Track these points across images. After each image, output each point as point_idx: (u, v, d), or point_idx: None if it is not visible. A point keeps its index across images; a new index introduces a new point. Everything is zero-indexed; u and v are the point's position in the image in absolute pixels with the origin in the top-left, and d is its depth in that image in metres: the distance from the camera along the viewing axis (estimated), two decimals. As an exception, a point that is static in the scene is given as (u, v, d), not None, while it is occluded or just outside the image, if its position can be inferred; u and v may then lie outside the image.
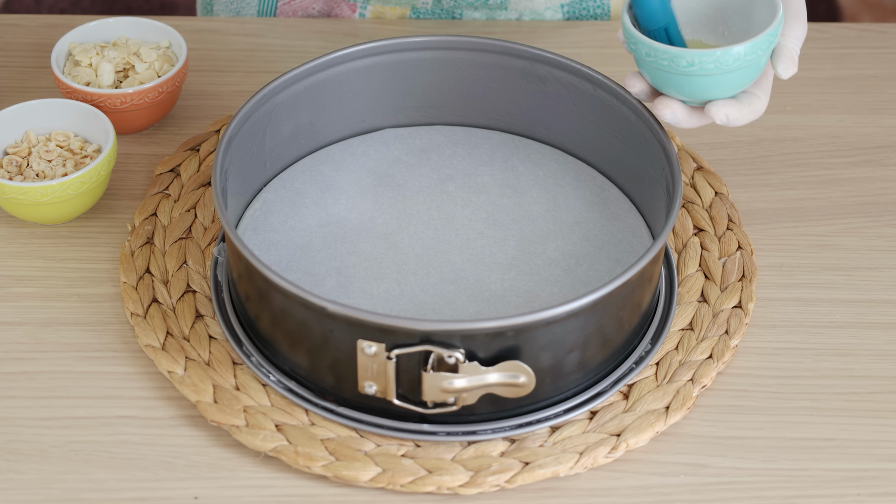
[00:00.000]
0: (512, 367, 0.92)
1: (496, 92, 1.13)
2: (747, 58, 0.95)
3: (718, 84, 0.97)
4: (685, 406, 0.98)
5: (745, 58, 0.95)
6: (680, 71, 0.96)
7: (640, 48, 0.97)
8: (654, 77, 0.98)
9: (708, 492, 0.95)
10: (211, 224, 1.10)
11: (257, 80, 1.24)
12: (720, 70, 0.96)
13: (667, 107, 0.99)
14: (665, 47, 0.96)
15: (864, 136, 1.21)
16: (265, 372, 0.99)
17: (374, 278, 1.03)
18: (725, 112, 0.97)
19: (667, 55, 0.96)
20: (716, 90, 0.97)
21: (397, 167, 1.12)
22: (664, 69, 0.97)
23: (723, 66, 0.95)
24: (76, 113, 1.12)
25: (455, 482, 0.94)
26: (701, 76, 0.96)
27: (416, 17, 1.32)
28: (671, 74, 0.97)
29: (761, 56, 0.96)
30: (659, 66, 0.97)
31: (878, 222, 1.13)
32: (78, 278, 1.07)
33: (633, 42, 0.98)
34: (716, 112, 0.97)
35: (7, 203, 1.08)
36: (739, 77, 0.97)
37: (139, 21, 1.20)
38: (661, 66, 0.97)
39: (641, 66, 0.99)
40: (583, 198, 1.10)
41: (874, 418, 0.99)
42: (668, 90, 0.99)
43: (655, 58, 0.97)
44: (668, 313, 1.04)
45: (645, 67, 0.98)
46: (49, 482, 0.94)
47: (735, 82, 0.97)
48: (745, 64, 0.96)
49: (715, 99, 0.98)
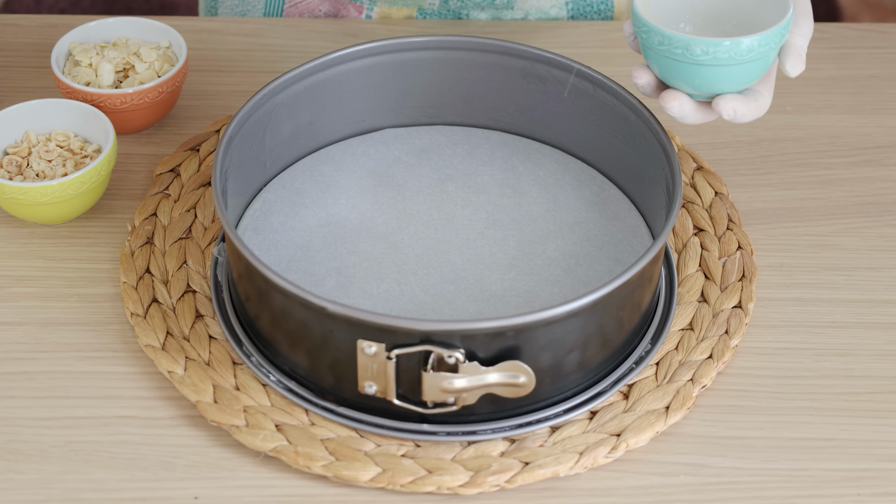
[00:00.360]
0: (512, 367, 0.92)
1: (496, 92, 1.13)
2: (760, 49, 0.95)
3: (729, 76, 0.96)
4: (685, 406, 0.98)
5: (759, 49, 0.95)
6: (693, 60, 0.95)
7: (652, 36, 0.97)
8: (663, 68, 0.98)
9: (708, 492, 0.95)
10: (211, 224, 1.10)
11: (257, 80, 1.24)
12: (733, 61, 0.95)
13: (674, 99, 0.98)
14: (680, 35, 0.95)
15: (864, 136, 1.21)
16: (265, 372, 0.99)
17: (374, 278, 1.03)
18: (733, 106, 0.97)
19: (681, 43, 0.95)
20: (725, 83, 0.97)
21: (397, 167, 1.12)
22: (677, 58, 0.96)
23: (736, 57, 0.95)
24: (76, 113, 1.12)
25: (455, 482, 0.94)
26: (713, 66, 0.95)
27: (422, 18, 1.32)
28: (683, 64, 0.96)
29: (772, 50, 0.96)
30: (672, 55, 0.96)
31: (878, 222, 1.13)
32: (78, 278, 1.07)
33: (646, 31, 0.97)
34: (724, 106, 0.97)
35: (7, 203, 1.08)
36: (750, 70, 0.96)
37: (139, 21, 1.20)
38: (675, 55, 0.96)
39: (651, 56, 0.98)
40: (583, 198, 1.10)
41: (874, 418, 0.99)
42: (677, 82, 0.98)
43: (669, 46, 0.96)
44: (668, 313, 1.04)
45: (655, 57, 0.98)
46: (49, 482, 0.94)
47: (745, 75, 0.97)
48: (757, 56, 0.95)
49: (723, 93, 0.98)
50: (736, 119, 0.97)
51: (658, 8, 1.01)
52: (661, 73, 0.99)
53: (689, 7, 1.03)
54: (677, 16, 1.03)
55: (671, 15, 1.02)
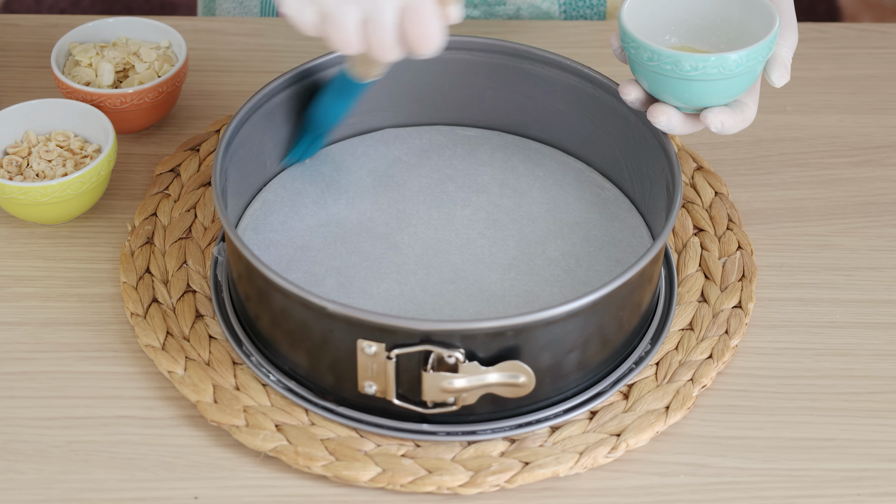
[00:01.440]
0: (512, 367, 0.92)
1: (496, 92, 1.13)
2: (748, 63, 0.96)
3: (717, 90, 0.97)
4: (685, 406, 0.98)
5: (746, 63, 0.96)
6: (682, 75, 0.96)
7: (641, 52, 0.97)
8: (652, 82, 0.99)
9: (708, 492, 0.95)
10: (211, 224, 1.10)
11: (257, 80, 1.24)
12: (721, 75, 0.96)
13: (662, 114, 0.99)
14: (669, 51, 0.96)
15: (864, 136, 1.21)
16: (265, 372, 0.99)
17: (374, 278, 1.03)
18: (721, 119, 0.98)
19: (671, 59, 0.96)
20: (713, 96, 0.98)
21: (397, 167, 1.12)
22: (665, 73, 0.97)
23: (724, 72, 0.96)
24: (76, 113, 1.12)
25: (455, 482, 0.94)
26: (701, 81, 0.96)
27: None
28: (672, 79, 0.97)
29: (759, 63, 0.97)
30: (661, 70, 0.97)
31: (878, 222, 1.13)
32: (78, 278, 1.07)
33: (635, 46, 0.98)
34: (712, 119, 0.98)
35: (7, 203, 1.08)
36: (737, 83, 0.97)
37: (139, 21, 1.20)
38: (664, 70, 0.97)
39: (639, 70, 0.99)
40: (583, 198, 1.10)
41: (874, 418, 0.99)
42: (666, 96, 0.99)
43: (658, 62, 0.97)
44: (667, 313, 1.04)
45: (644, 73, 0.99)
46: (49, 482, 0.94)
47: (732, 89, 0.98)
48: (745, 70, 0.96)
49: (710, 106, 0.99)
50: (723, 131, 0.99)
51: (644, 21, 1.01)
52: (650, 87, 0.99)
53: (674, 19, 1.04)
54: (663, 28, 1.03)
55: (657, 27, 1.03)
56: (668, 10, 1.03)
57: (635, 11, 1.00)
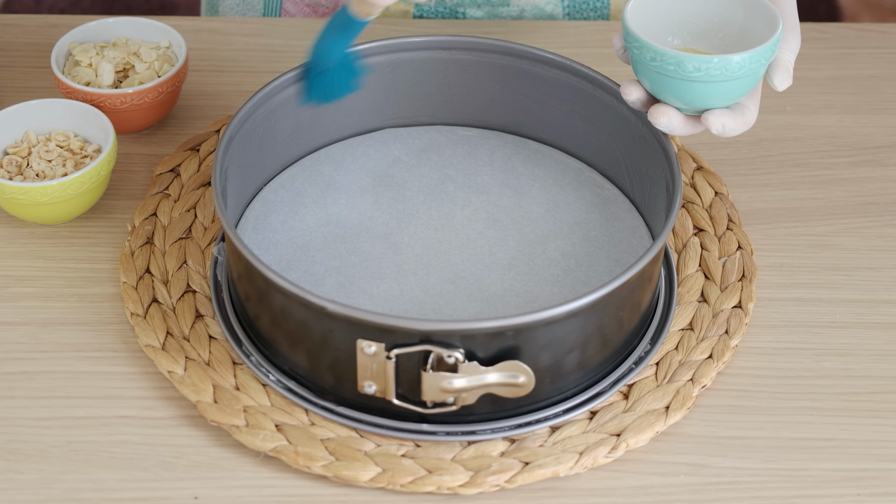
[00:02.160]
0: (511, 367, 0.92)
1: (496, 92, 1.13)
2: (751, 66, 0.96)
3: (719, 92, 0.97)
4: (685, 406, 0.98)
5: (749, 66, 0.96)
6: (685, 76, 0.96)
7: (644, 52, 0.97)
8: (654, 82, 0.99)
9: (708, 492, 0.95)
10: (211, 224, 1.10)
11: (257, 80, 1.24)
12: (724, 77, 0.96)
13: (663, 115, 0.99)
14: (673, 51, 0.96)
15: (864, 136, 1.21)
16: (265, 372, 0.99)
17: (374, 278, 1.03)
18: (722, 122, 0.98)
19: (674, 59, 0.96)
20: (715, 98, 0.98)
21: (397, 167, 1.12)
22: (668, 74, 0.97)
23: (727, 74, 0.96)
24: (76, 113, 1.12)
25: (455, 482, 0.94)
26: (704, 82, 0.96)
27: (419, 16, 1.32)
28: (674, 80, 0.97)
29: (762, 66, 0.97)
30: (664, 70, 0.97)
31: (878, 222, 1.13)
32: (78, 278, 1.07)
33: (638, 46, 0.98)
34: (713, 121, 0.98)
35: (7, 203, 1.08)
36: (739, 86, 0.97)
37: (139, 21, 1.20)
38: (666, 70, 0.97)
39: (642, 71, 0.99)
40: (583, 198, 1.10)
41: (874, 418, 0.99)
42: (668, 97, 0.99)
43: (661, 62, 0.97)
44: (667, 313, 1.04)
45: (646, 73, 0.99)
46: (49, 482, 0.94)
47: (734, 91, 0.98)
48: (748, 72, 0.96)
49: (712, 107, 0.99)
50: (724, 133, 0.98)
51: (647, 22, 1.01)
52: (652, 88, 0.99)
53: (677, 21, 1.04)
54: (666, 30, 1.03)
55: (660, 29, 1.03)
56: (672, 11, 1.03)
57: (639, 12, 1.00)
